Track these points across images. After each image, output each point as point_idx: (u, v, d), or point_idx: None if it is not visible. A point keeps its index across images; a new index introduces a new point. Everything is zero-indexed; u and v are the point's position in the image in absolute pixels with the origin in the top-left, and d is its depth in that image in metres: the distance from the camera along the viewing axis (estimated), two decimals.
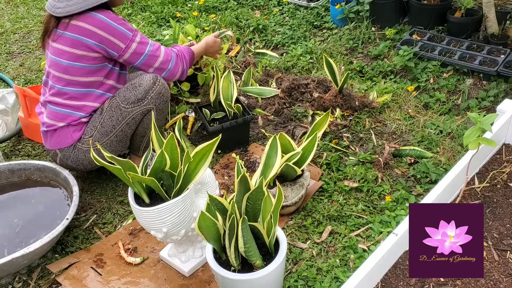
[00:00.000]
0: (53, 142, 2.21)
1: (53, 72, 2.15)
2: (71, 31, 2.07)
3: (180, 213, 1.68)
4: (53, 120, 2.18)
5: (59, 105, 2.16)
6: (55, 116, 2.18)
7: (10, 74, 3.42)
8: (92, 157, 1.68)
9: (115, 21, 2.10)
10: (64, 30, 2.08)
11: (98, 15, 2.07)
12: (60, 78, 2.13)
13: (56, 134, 2.20)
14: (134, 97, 2.16)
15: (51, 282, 1.96)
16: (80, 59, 2.09)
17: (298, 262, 1.95)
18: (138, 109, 2.17)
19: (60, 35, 2.09)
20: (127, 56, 2.15)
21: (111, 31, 2.08)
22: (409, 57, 3.00)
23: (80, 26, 2.06)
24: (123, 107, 2.16)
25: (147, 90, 2.17)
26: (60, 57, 2.10)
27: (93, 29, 2.06)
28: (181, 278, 1.93)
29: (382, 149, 2.46)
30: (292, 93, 2.90)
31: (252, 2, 4.17)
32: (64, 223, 1.94)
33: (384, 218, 2.09)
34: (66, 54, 2.09)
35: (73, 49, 2.08)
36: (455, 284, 1.71)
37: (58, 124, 2.18)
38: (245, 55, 3.34)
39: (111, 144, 2.21)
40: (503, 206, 2.01)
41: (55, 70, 2.14)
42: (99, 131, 2.17)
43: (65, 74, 2.12)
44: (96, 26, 2.06)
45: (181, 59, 2.30)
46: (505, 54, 2.92)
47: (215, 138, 1.67)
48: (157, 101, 2.20)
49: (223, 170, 2.45)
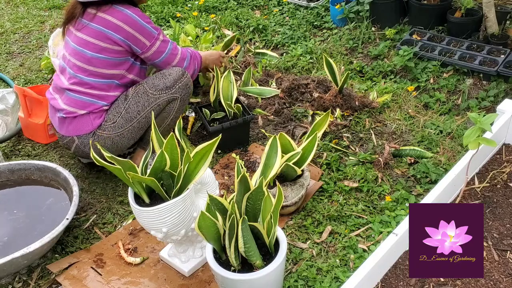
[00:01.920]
0: (71, 128, 2.23)
1: (75, 62, 2.17)
2: (97, 22, 2.09)
3: (180, 213, 1.68)
4: (73, 108, 2.20)
5: (81, 93, 2.19)
6: (75, 103, 2.19)
7: (10, 74, 3.42)
8: (92, 157, 1.68)
9: (142, 18, 2.14)
10: (90, 21, 2.10)
11: (126, 10, 2.11)
12: (82, 69, 2.16)
13: (75, 121, 2.21)
14: (163, 85, 2.24)
15: (51, 282, 1.96)
16: (104, 51, 2.12)
17: (298, 262, 1.95)
18: (165, 96, 2.25)
19: (86, 25, 2.11)
20: (150, 54, 2.22)
21: (138, 28, 2.13)
22: (409, 57, 3.00)
23: (107, 19, 2.08)
24: (151, 93, 2.22)
25: (176, 79, 2.27)
26: (84, 48, 2.13)
27: (121, 24, 2.09)
28: (181, 278, 1.93)
29: (382, 149, 2.46)
30: (292, 93, 2.90)
31: (252, 2, 4.17)
32: (64, 223, 1.94)
33: (384, 218, 2.09)
34: (90, 45, 2.12)
35: (98, 41, 2.10)
36: (455, 284, 1.71)
37: (79, 111, 2.19)
38: (245, 55, 3.34)
39: (132, 131, 2.25)
40: (503, 206, 2.01)
41: (78, 60, 2.16)
42: (123, 117, 2.22)
43: (88, 65, 2.14)
44: (123, 21, 2.10)
45: (194, 60, 2.39)
46: (505, 54, 2.92)
47: (215, 138, 1.67)
48: (183, 92, 2.31)
49: (223, 170, 2.45)
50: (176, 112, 2.32)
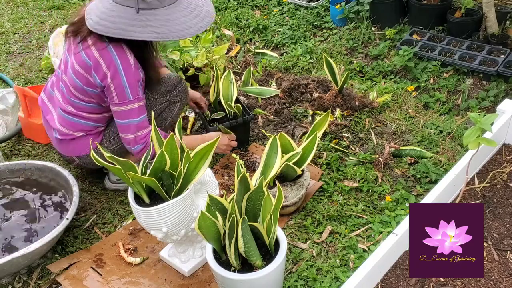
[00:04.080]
0: (70, 149, 2.19)
1: (70, 87, 2.06)
2: (87, 55, 1.96)
3: (180, 213, 1.68)
4: (69, 130, 2.14)
5: (75, 115, 2.11)
6: (71, 125, 2.13)
7: (10, 74, 3.42)
8: (92, 157, 1.68)
9: (127, 77, 1.96)
10: (83, 50, 1.97)
11: (118, 60, 1.94)
12: (76, 95, 2.07)
13: (73, 143, 2.17)
14: (164, 88, 2.23)
15: (51, 282, 1.96)
16: (90, 85, 2.01)
17: (298, 262, 1.95)
18: (167, 99, 2.24)
19: (79, 52, 1.99)
20: (113, 109, 2.04)
21: (117, 83, 1.96)
22: (409, 57, 3.00)
23: (95, 57, 1.95)
24: (152, 97, 2.20)
25: (176, 84, 2.27)
26: (76, 77, 2.02)
27: (104, 68, 1.95)
28: (181, 278, 1.93)
29: (382, 149, 2.46)
30: (292, 93, 2.90)
31: (252, 2, 4.17)
32: (64, 223, 1.94)
33: (384, 218, 2.09)
34: (79, 76, 2.00)
35: (85, 73, 1.99)
36: (455, 284, 1.71)
37: (75, 134, 2.14)
38: (245, 55, 3.34)
39: None
40: (503, 206, 2.01)
41: (73, 87, 2.05)
42: None
43: (80, 94, 2.06)
44: (108, 67, 1.94)
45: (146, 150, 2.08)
46: (505, 54, 2.92)
47: (215, 138, 1.67)
48: (183, 96, 2.32)
49: (223, 170, 2.45)
50: (175, 114, 2.32)
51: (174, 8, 1.91)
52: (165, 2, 1.90)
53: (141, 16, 1.86)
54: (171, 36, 1.90)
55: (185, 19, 1.93)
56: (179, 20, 1.91)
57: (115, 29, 1.86)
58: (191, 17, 1.94)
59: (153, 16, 1.88)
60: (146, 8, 1.87)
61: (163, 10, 1.90)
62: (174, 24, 1.90)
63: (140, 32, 1.86)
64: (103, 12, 1.89)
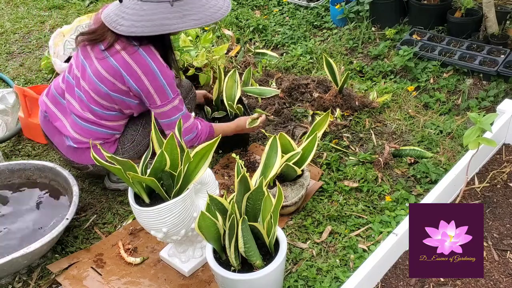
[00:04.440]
0: (84, 158, 2.17)
1: (92, 94, 2.04)
2: (117, 60, 1.93)
3: (180, 213, 1.68)
4: (85, 137, 2.12)
5: (93, 123, 2.09)
6: (87, 133, 2.11)
7: (10, 74, 3.42)
8: (92, 157, 1.68)
9: (164, 76, 1.98)
10: (111, 55, 1.94)
11: (151, 62, 1.94)
12: (98, 102, 2.05)
13: (88, 151, 2.11)
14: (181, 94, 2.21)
15: (51, 282, 1.96)
16: (119, 91, 2.00)
17: (298, 262, 1.95)
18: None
19: (105, 58, 1.95)
20: (157, 112, 2.05)
21: (156, 85, 1.97)
22: (409, 57, 3.00)
23: (128, 62, 1.93)
24: None
25: (187, 91, 2.32)
26: (101, 83, 1.99)
27: (139, 73, 1.94)
28: (181, 278, 1.93)
29: (382, 149, 2.46)
30: (292, 93, 2.90)
31: (252, 2, 4.17)
32: (64, 223, 1.94)
33: (384, 218, 2.09)
34: (106, 81, 1.98)
35: (114, 80, 1.97)
36: (455, 284, 1.71)
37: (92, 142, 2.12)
38: (245, 55, 3.34)
39: (148, 144, 2.22)
40: (503, 206, 2.01)
41: (95, 93, 2.03)
42: (141, 133, 2.20)
43: (103, 100, 2.04)
44: (143, 71, 1.94)
45: (196, 139, 2.17)
46: (505, 54, 2.92)
47: (215, 138, 1.67)
48: (193, 103, 2.38)
49: (223, 170, 2.45)
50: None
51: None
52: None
53: (177, 8, 1.88)
54: (209, 20, 1.93)
55: (215, 2, 1.97)
56: (210, 3, 1.95)
57: (153, 26, 1.86)
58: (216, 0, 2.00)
59: (187, 5, 1.90)
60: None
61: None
62: (208, 8, 1.94)
63: (181, 23, 1.89)
64: (133, 14, 1.86)
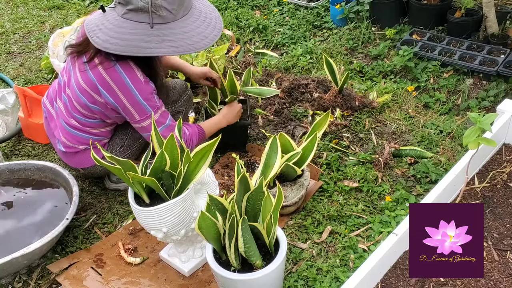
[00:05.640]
0: (74, 161, 2.19)
1: (75, 103, 2.03)
2: (95, 75, 1.91)
3: (180, 213, 1.68)
4: (73, 143, 2.12)
5: (80, 130, 2.10)
6: (75, 139, 2.12)
7: (10, 74, 3.42)
8: (92, 157, 1.68)
9: (140, 93, 1.93)
10: (90, 69, 1.92)
11: (127, 79, 1.90)
12: (80, 112, 2.05)
13: (77, 156, 2.16)
14: (169, 99, 2.20)
15: (51, 282, 1.96)
16: (97, 103, 1.99)
17: (298, 262, 1.95)
18: (172, 110, 2.23)
19: (85, 71, 1.93)
20: (137, 126, 2.04)
21: (132, 101, 1.94)
22: (409, 57, 3.00)
23: (104, 77, 1.90)
24: None
25: (180, 93, 2.29)
26: (82, 94, 1.98)
27: (115, 89, 1.92)
28: (181, 278, 1.93)
29: (382, 149, 2.46)
30: (292, 93, 2.90)
31: (252, 2, 4.17)
32: (64, 223, 1.94)
33: (384, 218, 2.09)
34: (86, 94, 1.97)
35: (93, 93, 1.96)
36: (455, 284, 1.71)
37: (79, 147, 2.13)
38: (245, 55, 3.34)
39: (139, 148, 2.22)
40: (503, 206, 2.01)
41: (77, 103, 2.02)
42: (131, 137, 2.18)
43: (85, 110, 2.03)
44: (119, 88, 1.91)
45: (188, 145, 2.13)
46: (505, 54, 2.92)
47: (215, 138, 1.67)
48: (187, 105, 2.34)
49: (223, 170, 2.45)
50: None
51: (187, 20, 1.85)
52: (179, 15, 1.83)
53: (156, 31, 1.78)
54: (188, 49, 1.82)
55: (200, 30, 1.86)
56: (194, 32, 1.85)
57: (128, 46, 1.78)
58: (204, 27, 1.88)
59: (168, 30, 1.80)
60: (160, 22, 1.79)
61: (178, 23, 1.83)
62: (191, 36, 1.83)
63: (158, 48, 1.79)
64: (111, 29, 1.80)
